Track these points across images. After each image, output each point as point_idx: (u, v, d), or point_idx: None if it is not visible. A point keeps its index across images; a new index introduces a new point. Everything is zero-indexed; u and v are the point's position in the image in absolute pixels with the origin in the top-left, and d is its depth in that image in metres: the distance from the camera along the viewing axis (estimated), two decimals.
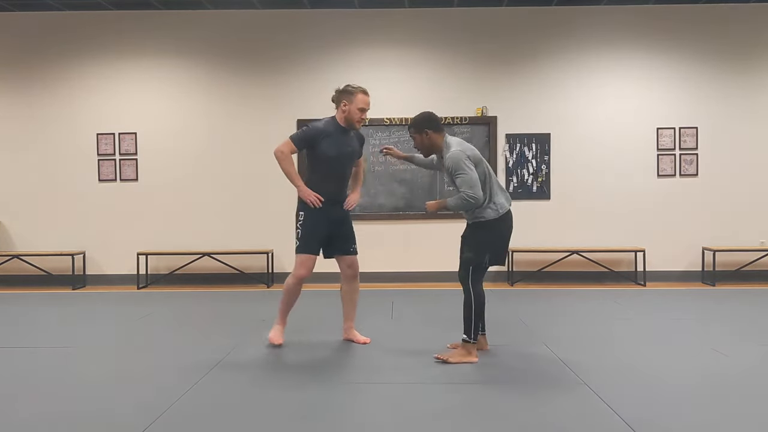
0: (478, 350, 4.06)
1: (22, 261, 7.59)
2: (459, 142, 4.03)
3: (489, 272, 7.58)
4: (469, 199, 3.84)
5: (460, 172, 3.84)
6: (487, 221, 3.95)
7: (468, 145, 4.03)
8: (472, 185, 3.82)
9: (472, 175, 3.84)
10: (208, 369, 3.81)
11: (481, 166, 3.96)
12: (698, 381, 3.51)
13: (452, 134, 7.62)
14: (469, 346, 3.93)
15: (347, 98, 4.23)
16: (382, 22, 7.67)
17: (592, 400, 3.18)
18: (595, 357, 4.03)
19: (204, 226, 7.72)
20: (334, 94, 4.31)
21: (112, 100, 7.75)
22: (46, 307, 6.20)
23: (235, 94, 7.74)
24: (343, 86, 4.29)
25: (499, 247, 4.04)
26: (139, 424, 2.88)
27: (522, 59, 7.67)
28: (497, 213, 3.95)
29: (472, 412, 3.05)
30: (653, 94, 7.63)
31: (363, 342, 4.41)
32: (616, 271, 7.61)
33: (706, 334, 4.64)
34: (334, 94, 4.31)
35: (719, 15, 7.59)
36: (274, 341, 4.31)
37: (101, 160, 7.75)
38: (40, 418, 3.01)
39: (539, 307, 5.88)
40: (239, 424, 2.93)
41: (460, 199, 3.87)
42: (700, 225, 7.62)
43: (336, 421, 2.95)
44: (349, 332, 4.48)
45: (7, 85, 7.78)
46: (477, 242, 3.97)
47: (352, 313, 4.48)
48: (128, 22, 7.71)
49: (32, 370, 3.83)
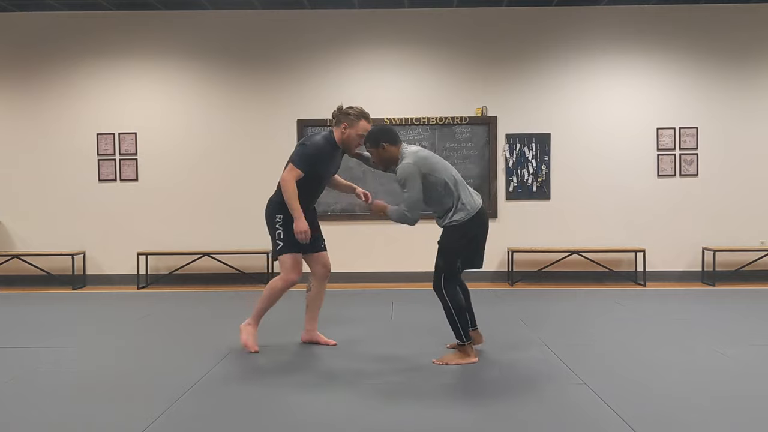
0: (475, 345, 4.06)
1: (22, 261, 7.59)
2: (414, 152, 3.85)
3: (489, 272, 7.70)
4: (406, 217, 3.80)
5: (406, 188, 3.78)
6: (459, 224, 3.83)
7: (424, 155, 3.85)
8: (411, 206, 3.77)
9: (415, 196, 3.75)
10: (208, 369, 3.81)
11: (441, 174, 3.81)
12: (698, 381, 3.51)
13: (452, 134, 7.73)
14: (465, 348, 3.91)
15: (348, 122, 4.10)
16: (382, 22, 7.67)
17: (592, 400, 3.18)
18: (595, 357, 4.03)
19: (204, 226, 7.72)
20: (335, 110, 4.17)
21: (112, 100, 7.75)
22: (46, 307, 6.20)
23: (234, 94, 7.74)
24: (345, 107, 4.16)
25: (472, 251, 3.93)
26: (139, 424, 2.88)
27: (522, 59, 7.67)
28: (468, 214, 3.82)
29: (473, 411, 3.05)
30: (653, 94, 7.63)
31: (328, 343, 4.37)
32: (616, 271, 7.61)
33: (706, 334, 4.64)
34: (335, 111, 4.17)
35: (719, 15, 7.59)
36: (250, 348, 4.19)
37: (101, 160, 7.75)
38: (40, 418, 3.01)
39: (539, 307, 5.88)
40: (239, 424, 2.93)
41: (400, 213, 3.82)
42: (700, 225, 7.62)
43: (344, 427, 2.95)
44: (313, 334, 4.41)
45: (7, 85, 7.78)
46: (448, 248, 3.88)
47: (317, 315, 4.43)
48: (128, 22, 7.71)
49: (32, 370, 3.83)
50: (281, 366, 3.92)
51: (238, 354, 4.17)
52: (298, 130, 7.67)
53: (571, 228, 7.64)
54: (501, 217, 7.67)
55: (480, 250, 4.00)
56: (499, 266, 7.72)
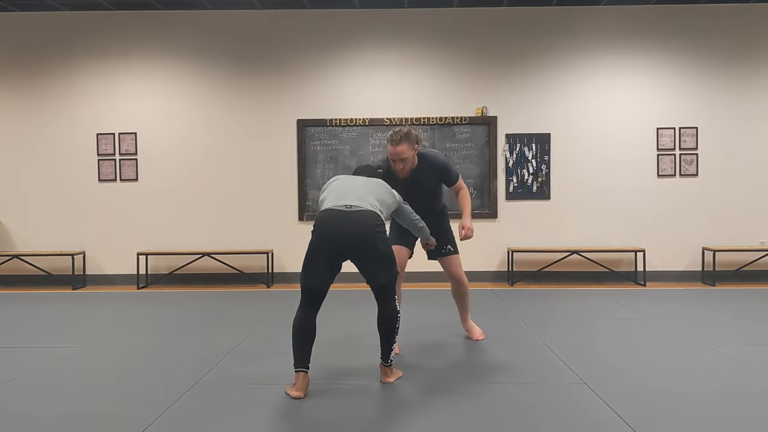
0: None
1: (22, 261, 7.59)
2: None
3: (489, 272, 7.71)
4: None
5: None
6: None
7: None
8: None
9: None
10: (208, 369, 3.81)
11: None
12: (698, 381, 3.51)
13: (452, 134, 7.74)
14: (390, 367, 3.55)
15: None
16: (382, 22, 7.67)
17: (592, 400, 3.18)
18: (595, 357, 4.03)
19: (204, 226, 7.72)
20: (414, 134, 3.99)
21: (112, 100, 7.75)
22: (46, 307, 6.20)
23: (234, 94, 7.74)
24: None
25: (306, 263, 3.37)
26: (139, 424, 2.88)
27: (522, 59, 7.67)
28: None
29: (472, 411, 3.05)
30: (653, 94, 7.63)
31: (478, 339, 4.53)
32: (616, 271, 7.61)
33: (706, 334, 4.64)
34: (414, 135, 4.03)
35: (719, 15, 7.59)
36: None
37: (101, 160, 7.75)
38: (40, 418, 3.01)
39: (539, 308, 5.88)
40: (239, 423, 2.93)
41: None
42: (700, 225, 7.62)
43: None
44: (463, 325, 4.64)
45: (7, 85, 7.78)
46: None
47: (461, 310, 4.56)
48: (128, 22, 7.71)
49: (32, 370, 3.83)
50: (281, 366, 3.92)
51: (239, 354, 4.17)
52: (298, 130, 7.67)
53: (571, 228, 7.64)
54: (501, 217, 7.67)
55: (312, 265, 3.35)
56: (499, 266, 7.72)
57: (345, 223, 3.26)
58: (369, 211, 3.32)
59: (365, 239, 3.27)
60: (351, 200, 3.35)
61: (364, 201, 3.37)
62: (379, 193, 3.51)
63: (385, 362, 3.50)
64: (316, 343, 3.57)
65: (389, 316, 3.41)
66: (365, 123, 7.66)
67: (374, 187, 3.53)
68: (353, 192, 3.41)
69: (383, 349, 3.48)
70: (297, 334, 3.33)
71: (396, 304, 3.45)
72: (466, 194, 4.19)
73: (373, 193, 3.47)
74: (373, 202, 3.40)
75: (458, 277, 4.34)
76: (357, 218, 3.27)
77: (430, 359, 4.00)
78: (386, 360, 3.49)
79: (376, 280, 3.37)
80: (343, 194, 3.40)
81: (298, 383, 3.28)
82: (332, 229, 3.27)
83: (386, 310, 3.42)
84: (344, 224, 3.26)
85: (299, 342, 3.32)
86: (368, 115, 7.67)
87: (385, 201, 3.51)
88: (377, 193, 3.49)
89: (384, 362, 3.50)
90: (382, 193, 3.52)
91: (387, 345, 3.46)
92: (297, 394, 3.25)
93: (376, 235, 3.29)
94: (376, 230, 3.30)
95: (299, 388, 3.27)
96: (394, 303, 3.43)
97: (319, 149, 7.69)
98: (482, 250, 7.54)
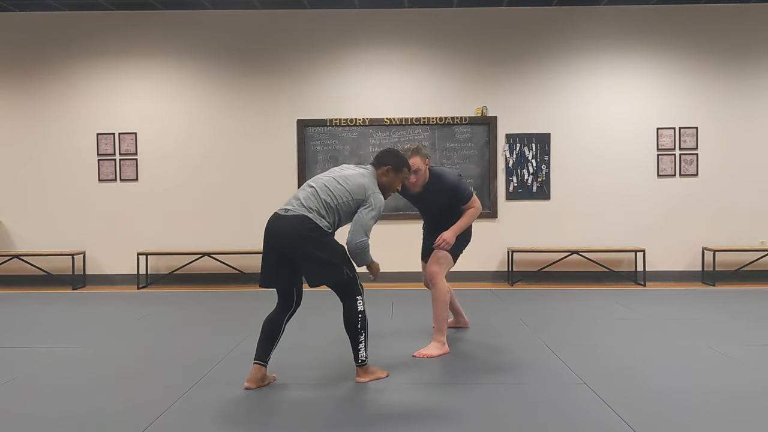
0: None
1: (22, 261, 7.59)
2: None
3: (489, 272, 7.71)
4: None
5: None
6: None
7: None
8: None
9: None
10: (208, 369, 3.81)
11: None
12: (698, 381, 3.51)
13: (452, 134, 7.74)
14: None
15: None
16: (382, 22, 7.67)
17: (592, 400, 3.18)
18: (595, 357, 4.03)
19: (204, 226, 7.72)
20: (424, 151, 4.13)
21: (112, 100, 7.75)
22: (46, 307, 6.20)
23: (234, 94, 7.74)
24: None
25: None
26: (139, 424, 2.88)
27: (522, 59, 7.67)
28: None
29: (472, 411, 3.05)
30: (653, 94, 7.63)
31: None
32: (616, 271, 7.61)
33: (706, 334, 4.64)
34: (425, 152, 4.14)
35: (719, 15, 7.59)
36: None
37: (101, 160, 7.75)
38: (39, 418, 3.01)
39: (539, 308, 5.88)
40: (239, 423, 2.93)
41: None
42: (700, 225, 7.62)
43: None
44: (456, 320, 4.92)
45: (7, 85, 7.78)
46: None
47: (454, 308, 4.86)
48: (128, 22, 7.71)
49: (32, 370, 3.83)
50: (281, 366, 3.92)
51: (239, 354, 4.17)
52: (298, 130, 7.67)
53: (570, 228, 7.64)
54: (501, 217, 7.67)
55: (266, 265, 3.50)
56: (499, 266, 7.72)
57: (276, 228, 3.42)
58: (299, 215, 3.38)
59: (293, 242, 3.37)
60: (290, 203, 3.47)
61: (302, 205, 3.41)
62: (336, 194, 3.43)
63: (355, 362, 3.54)
64: (312, 342, 3.57)
65: (349, 316, 3.49)
66: (365, 123, 7.66)
67: (335, 186, 3.46)
68: (300, 194, 3.50)
69: (353, 349, 3.53)
70: (262, 329, 3.52)
71: (358, 305, 3.48)
72: (470, 212, 4.31)
73: (327, 193, 3.43)
74: (313, 206, 3.40)
75: (431, 273, 4.29)
76: (287, 222, 3.39)
77: (430, 359, 3.99)
78: (356, 360, 3.53)
79: (309, 281, 3.47)
80: (293, 196, 3.53)
81: (251, 375, 3.45)
82: (267, 231, 3.47)
83: (346, 311, 3.50)
84: (275, 228, 3.42)
85: (261, 337, 3.50)
86: (368, 115, 7.67)
87: (340, 204, 3.43)
88: (334, 195, 3.43)
89: (355, 362, 3.54)
90: (340, 194, 3.44)
91: (354, 345, 3.52)
92: (247, 385, 3.41)
93: (305, 239, 3.35)
94: (306, 234, 3.35)
95: (250, 379, 3.43)
96: (354, 303, 3.48)
97: (319, 149, 7.69)
98: (482, 250, 7.53)
